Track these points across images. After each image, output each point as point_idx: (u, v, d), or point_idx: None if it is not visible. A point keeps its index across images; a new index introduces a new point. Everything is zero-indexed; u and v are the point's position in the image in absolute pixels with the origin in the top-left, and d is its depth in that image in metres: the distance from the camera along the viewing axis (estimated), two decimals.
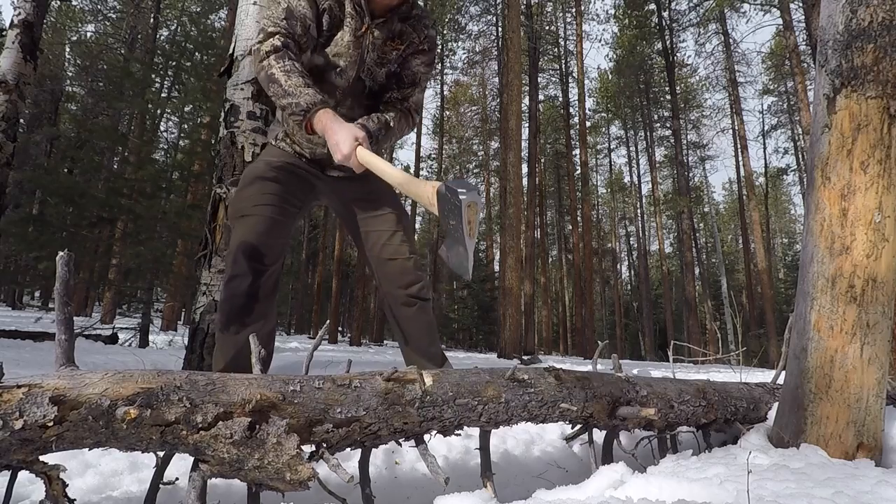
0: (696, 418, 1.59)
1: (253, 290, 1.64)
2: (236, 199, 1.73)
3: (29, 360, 3.16)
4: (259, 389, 1.05)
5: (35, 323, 7.10)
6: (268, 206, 1.67)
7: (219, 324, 1.66)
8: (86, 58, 17.85)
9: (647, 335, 24.24)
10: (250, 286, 1.63)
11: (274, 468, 0.92)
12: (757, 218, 18.86)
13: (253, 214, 1.66)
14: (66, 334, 1.06)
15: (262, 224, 1.65)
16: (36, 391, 0.86)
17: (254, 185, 1.70)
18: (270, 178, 1.70)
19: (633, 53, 22.68)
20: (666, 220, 29.10)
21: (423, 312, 1.81)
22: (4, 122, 4.09)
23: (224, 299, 1.66)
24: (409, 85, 1.76)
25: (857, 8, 1.40)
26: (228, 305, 1.64)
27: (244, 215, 1.67)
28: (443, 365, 1.78)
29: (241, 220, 1.67)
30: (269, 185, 1.69)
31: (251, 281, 1.63)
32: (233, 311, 1.63)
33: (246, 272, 1.63)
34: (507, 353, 9.02)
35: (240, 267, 1.63)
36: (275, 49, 1.50)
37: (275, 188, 1.69)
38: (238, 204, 1.71)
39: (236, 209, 1.71)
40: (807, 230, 1.49)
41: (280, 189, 1.70)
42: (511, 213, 9.99)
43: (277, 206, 1.69)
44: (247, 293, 1.63)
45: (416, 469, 1.57)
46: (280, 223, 1.69)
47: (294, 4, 1.56)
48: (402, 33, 1.70)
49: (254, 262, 1.63)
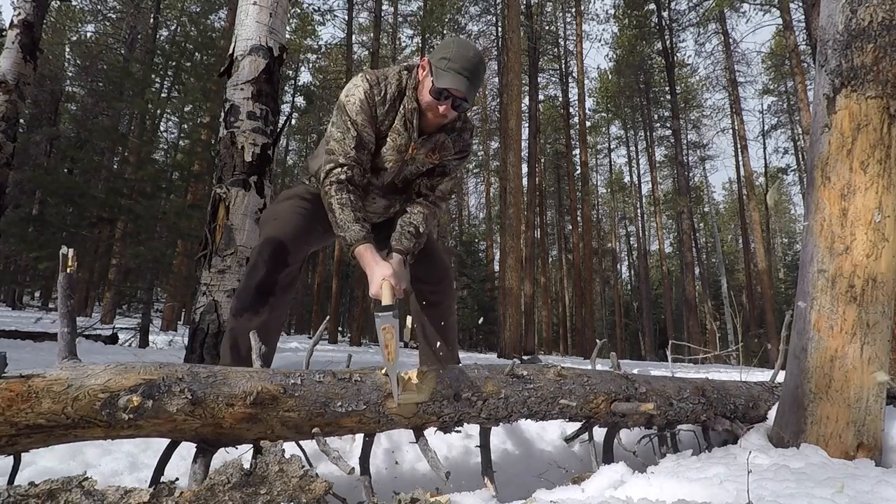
0: (695, 415, 1.59)
1: (271, 283, 1.74)
2: (270, 208, 1.89)
3: (29, 359, 3.15)
4: (260, 382, 1.05)
5: (35, 323, 7.09)
6: (297, 216, 1.81)
7: (232, 309, 1.77)
8: (86, 58, 17.84)
9: (647, 335, 24.22)
10: (270, 279, 1.73)
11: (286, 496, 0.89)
12: (757, 218, 18.84)
13: (283, 218, 1.80)
14: (69, 327, 1.07)
15: (291, 226, 1.78)
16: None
17: (290, 200, 1.86)
18: (305, 199, 1.86)
19: (633, 53, 22.66)
20: (666, 220, 29.09)
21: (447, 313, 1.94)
22: (4, 122, 4.09)
23: (243, 287, 1.77)
24: (438, 175, 1.84)
25: (857, 8, 1.40)
26: (246, 294, 1.74)
27: (276, 218, 1.82)
28: None
29: (272, 221, 1.82)
30: (303, 203, 1.85)
31: (271, 274, 1.73)
32: (249, 301, 1.73)
33: (268, 266, 1.73)
34: (507, 353, 9.01)
35: (263, 261, 1.73)
36: (339, 182, 1.63)
37: (308, 206, 1.84)
38: (271, 211, 1.88)
39: (269, 214, 1.86)
40: (807, 230, 1.49)
41: (311, 208, 1.83)
42: (511, 213, 9.99)
43: (306, 217, 1.82)
44: (265, 285, 1.73)
45: (417, 469, 1.57)
46: (306, 230, 1.82)
47: (362, 131, 1.67)
48: (442, 146, 1.78)
49: (277, 257, 1.74)
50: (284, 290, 1.79)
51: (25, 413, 0.89)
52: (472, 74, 1.59)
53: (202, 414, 1.00)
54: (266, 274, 1.72)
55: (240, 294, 1.77)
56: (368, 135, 1.68)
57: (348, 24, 17.64)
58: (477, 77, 1.61)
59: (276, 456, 0.92)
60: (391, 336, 1.20)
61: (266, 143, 2.89)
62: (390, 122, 1.71)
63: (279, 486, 0.89)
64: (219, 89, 6.44)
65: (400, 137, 1.72)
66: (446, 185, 1.85)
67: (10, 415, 0.88)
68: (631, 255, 33.50)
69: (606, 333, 28.44)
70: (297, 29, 21.15)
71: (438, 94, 1.60)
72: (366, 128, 1.67)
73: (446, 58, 1.58)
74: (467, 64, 1.57)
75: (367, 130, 1.68)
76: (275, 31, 2.98)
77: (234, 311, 1.76)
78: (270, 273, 1.73)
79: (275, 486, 0.89)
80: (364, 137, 1.67)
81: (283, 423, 1.06)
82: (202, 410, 0.99)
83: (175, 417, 0.97)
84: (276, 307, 1.78)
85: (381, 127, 1.71)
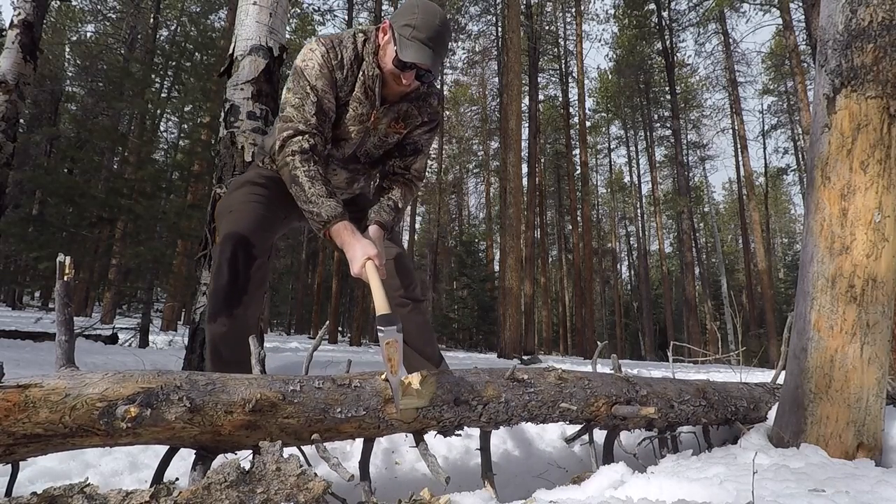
0: (696, 418, 1.59)
1: (241, 281, 1.62)
2: (224, 201, 1.75)
3: (29, 360, 3.16)
4: (259, 389, 1.05)
5: (35, 323, 7.10)
6: (254, 203, 1.69)
7: (208, 314, 1.65)
8: (86, 58, 17.83)
9: (647, 335, 24.22)
10: (238, 277, 1.62)
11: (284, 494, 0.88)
12: (757, 218, 18.85)
13: (239, 209, 1.68)
14: (67, 335, 1.07)
15: (249, 216, 1.66)
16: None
17: (243, 188, 1.75)
18: (259, 184, 1.74)
19: (633, 53, 22.66)
20: (666, 220, 29.08)
21: (417, 313, 1.81)
22: (4, 122, 4.09)
23: (212, 290, 1.65)
24: (410, 153, 1.76)
25: (857, 8, 1.40)
26: (216, 297, 1.63)
27: (231, 210, 1.69)
28: (439, 366, 1.79)
29: (228, 214, 1.69)
30: (257, 188, 1.73)
31: (239, 272, 1.62)
32: (220, 304, 1.62)
33: (232, 263, 1.62)
34: (507, 353, 9.02)
35: (227, 257, 1.61)
36: (302, 150, 1.50)
37: (262, 191, 1.72)
38: (225, 203, 1.74)
39: (224, 207, 1.73)
40: (807, 230, 1.49)
41: (268, 193, 1.72)
42: (511, 213, 9.99)
43: (263, 204, 1.70)
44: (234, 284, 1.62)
45: (416, 469, 1.57)
46: (267, 218, 1.70)
47: (322, 97, 1.55)
48: (407, 115, 1.69)
49: (240, 253, 1.62)
50: (257, 286, 1.67)
51: (23, 423, 0.88)
52: (438, 44, 1.49)
53: (201, 421, 0.99)
54: (232, 273, 1.61)
55: (210, 297, 1.65)
56: (329, 101, 1.57)
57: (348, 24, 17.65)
58: (443, 45, 1.50)
59: (273, 455, 0.92)
60: (395, 350, 1.15)
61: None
62: (349, 89, 1.60)
63: (276, 484, 0.89)
64: (219, 89, 6.44)
65: (361, 106, 1.62)
66: (420, 163, 1.77)
67: (8, 425, 0.87)
68: (631, 255, 33.51)
69: (606, 333, 28.45)
70: (297, 29, 21.15)
71: (402, 66, 1.50)
72: (326, 94, 1.56)
73: (410, 25, 1.46)
74: (432, 33, 1.46)
75: (327, 97, 1.56)
76: (275, 31, 2.98)
77: (209, 316, 1.65)
78: (237, 271, 1.62)
79: (272, 485, 0.88)
80: (324, 104, 1.56)
81: (282, 430, 1.06)
82: (201, 418, 0.99)
83: (174, 425, 0.97)
84: (250, 304, 1.66)
85: (340, 93, 1.60)
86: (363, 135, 1.67)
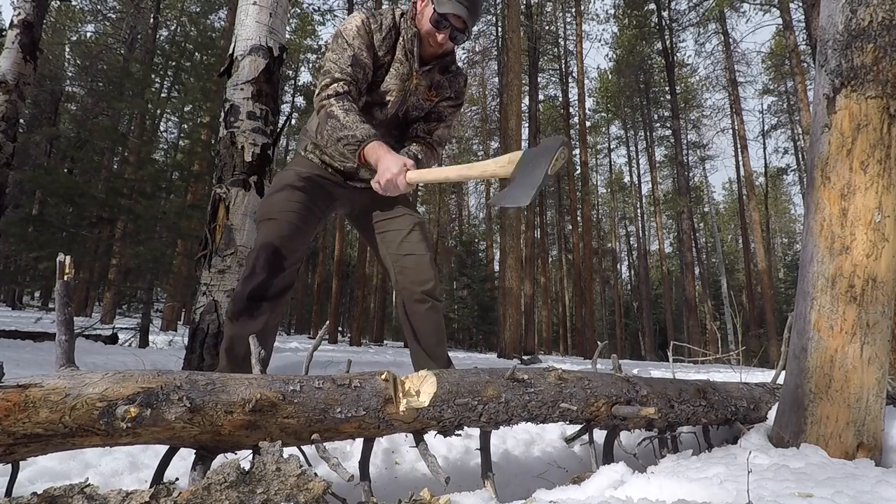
0: (696, 418, 1.59)
1: (268, 288, 1.73)
2: (265, 203, 1.84)
3: (29, 360, 3.16)
4: (259, 389, 1.05)
5: (35, 323, 7.10)
6: (293, 213, 1.78)
7: (229, 313, 1.75)
8: (86, 58, 17.84)
9: (647, 335, 24.23)
10: (266, 284, 1.73)
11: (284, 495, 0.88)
12: (757, 218, 18.85)
13: (278, 219, 1.76)
14: (67, 335, 1.07)
15: (287, 229, 1.75)
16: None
17: (283, 191, 1.82)
18: (298, 188, 1.82)
19: (633, 53, 22.67)
20: (666, 220, 29.09)
21: (434, 311, 1.86)
22: (4, 122, 4.09)
23: (240, 292, 1.75)
24: (434, 120, 1.89)
25: (857, 8, 1.40)
26: (242, 299, 1.73)
27: (271, 218, 1.77)
28: (447, 367, 1.80)
29: (267, 222, 1.77)
30: (296, 194, 1.81)
31: (268, 279, 1.73)
32: (245, 305, 1.72)
33: (265, 270, 1.72)
34: (507, 353, 9.02)
35: (260, 266, 1.72)
36: (337, 94, 1.65)
37: (301, 197, 1.81)
38: (266, 207, 1.82)
39: (264, 212, 1.81)
40: (807, 230, 1.49)
41: (306, 198, 1.81)
42: (511, 214, 9.99)
43: (301, 214, 1.79)
44: (262, 290, 1.73)
45: (416, 469, 1.57)
46: (302, 230, 1.79)
47: (359, 53, 1.70)
48: (439, 85, 1.85)
49: (274, 262, 1.73)
50: (281, 293, 1.78)
51: (23, 423, 0.88)
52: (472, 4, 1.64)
53: (201, 421, 0.99)
54: (263, 280, 1.72)
55: (236, 298, 1.75)
56: (366, 58, 1.71)
57: None
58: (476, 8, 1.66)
59: (273, 455, 0.91)
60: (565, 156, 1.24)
61: (266, 143, 2.89)
62: (388, 50, 1.75)
63: (276, 485, 0.88)
64: (219, 89, 6.44)
65: (402, 66, 1.76)
66: (442, 132, 1.90)
67: (7, 425, 0.87)
68: (631, 255, 33.51)
69: (606, 333, 28.45)
70: (297, 29, 21.14)
71: (437, 23, 1.65)
72: (363, 51, 1.70)
73: None
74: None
75: (363, 53, 1.70)
76: (275, 31, 2.98)
77: (231, 315, 1.75)
78: (267, 278, 1.72)
79: (272, 486, 0.88)
80: (360, 58, 1.69)
81: (282, 430, 1.06)
82: (201, 418, 0.99)
83: (174, 425, 0.97)
84: (273, 310, 1.77)
85: (380, 53, 1.74)
86: (403, 94, 1.79)
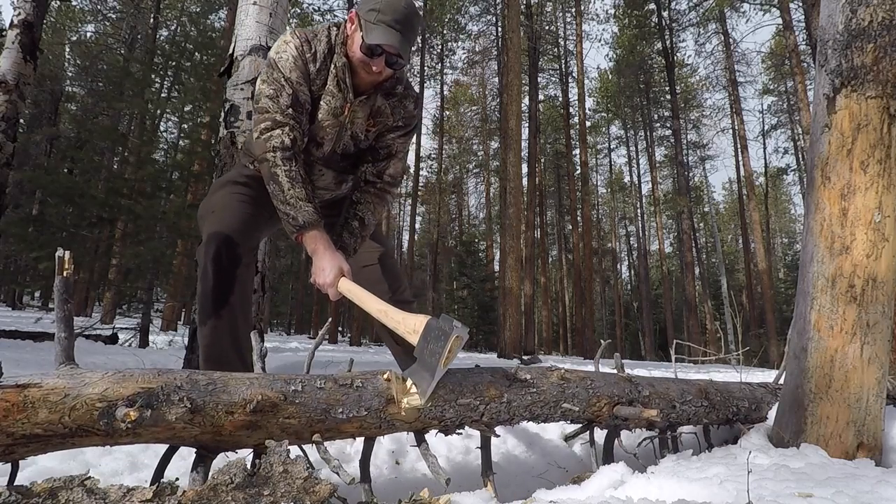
0: (697, 418, 1.59)
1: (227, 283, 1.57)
2: (206, 202, 1.70)
3: (29, 360, 3.16)
4: (260, 389, 1.05)
5: (35, 323, 7.09)
6: (238, 203, 1.64)
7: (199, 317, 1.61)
8: (86, 58, 17.82)
9: (647, 335, 24.22)
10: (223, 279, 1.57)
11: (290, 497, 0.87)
12: (757, 218, 18.84)
13: (223, 210, 1.62)
14: (66, 332, 1.06)
15: (233, 216, 1.61)
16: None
17: (225, 187, 1.70)
18: (242, 183, 1.69)
19: (633, 53, 22.65)
20: (666, 220, 29.08)
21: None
22: (4, 122, 4.09)
23: (199, 294, 1.59)
24: (384, 158, 1.72)
25: (857, 8, 1.40)
26: (204, 300, 1.58)
27: (213, 211, 1.63)
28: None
29: (210, 215, 1.63)
30: (239, 188, 1.68)
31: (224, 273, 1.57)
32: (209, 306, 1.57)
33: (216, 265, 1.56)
34: (507, 353, 9.02)
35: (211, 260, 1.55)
36: (283, 147, 1.49)
37: (246, 190, 1.68)
38: (207, 204, 1.68)
39: (206, 208, 1.67)
40: (807, 230, 1.49)
41: (251, 192, 1.67)
42: (511, 213, 9.98)
43: (248, 204, 1.66)
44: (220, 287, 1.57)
45: (417, 469, 1.57)
46: (252, 217, 1.65)
47: (298, 89, 1.54)
48: (379, 112, 1.66)
49: (225, 255, 1.57)
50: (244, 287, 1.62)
51: (22, 423, 0.87)
52: (405, 27, 1.46)
53: (201, 422, 0.98)
54: (217, 274, 1.56)
55: (199, 300, 1.60)
56: (304, 94, 1.55)
57: None
58: (411, 30, 1.47)
59: (280, 457, 0.90)
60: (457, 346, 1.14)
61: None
62: (322, 82, 1.58)
63: (283, 487, 0.87)
64: (219, 89, 6.44)
65: (334, 99, 1.59)
66: (394, 169, 1.72)
67: (7, 425, 0.86)
68: (631, 255, 33.49)
69: (606, 333, 28.43)
70: (296, 29, 21.10)
71: (370, 52, 1.48)
72: (301, 86, 1.54)
73: (375, 9, 1.44)
74: (398, 16, 1.44)
75: (302, 89, 1.54)
76: (275, 31, 2.98)
77: (199, 321, 1.59)
78: (223, 272, 1.56)
79: (278, 488, 0.87)
80: (300, 96, 1.54)
81: (283, 430, 1.06)
82: (201, 418, 0.98)
83: (174, 426, 0.96)
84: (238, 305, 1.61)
85: (314, 87, 1.58)
86: (338, 129, 1.63)
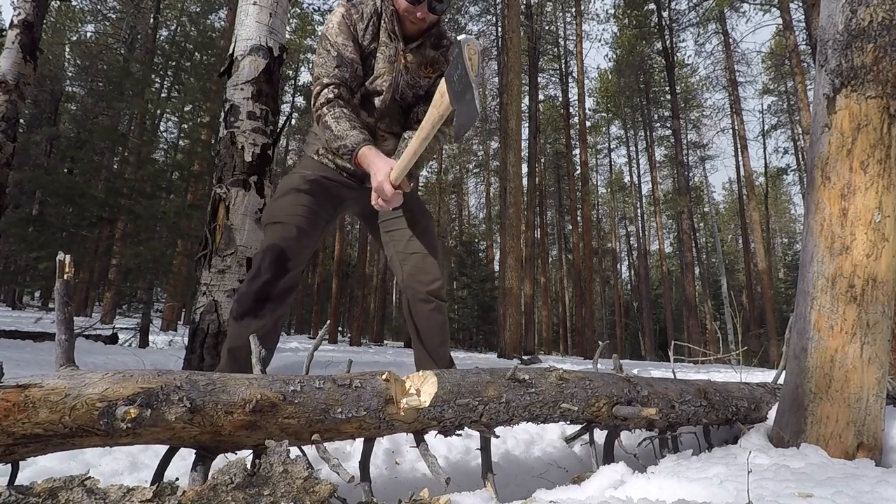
0: (697, 418, 1.59)
1: (272, 289, 1.75)
2: (270, 207, 1.85)
3: (29, 360, 3.16)
4: (259, 389, 1.05)
5: (35, 323, 7.10)
6: (298, 216, 1.78)
7: (233, 312, 1.76)
8: (86, 58, 17.83)
9: (647, 335, 24.23)
10: (271, 285, 1.74)
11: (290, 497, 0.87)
12: (757, 218, 18.84)
13: (284, 222, 1.77)
14: (66, 334, 1.06)
15: (291, 232, 1.76)
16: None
17: (288, 195, 1.82)
18: (304, 191, 1.83)
19: (633, 53, 22.66)
20: (666, 220, 29.09)
21: (439, 312, 1.87)
22: (4, 122, 4.09)
23: (244, 292, 1.76)
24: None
25: (857, 8, 1.40)
26: (247, 299, 1.74)
27: (276, 222, 1.78)
28: (449, 368, 1.80)
29: (272, 226, 1.79)
30: (302, 197, 1.81)
31: (272, 281, 1.74)
32: (250, 305, 1.73)
33: (270, 273, 1.73)
34: (507, 353, 9.02)
35: (265, 267, 1.73)
36: (328, 101, 1.71)
37: (307, 200, 1.81)
38: (271, 211, 1.83)
39: (269, 216, 1.82)
40: (807, 230, 1.49)
41: (312, 201, 1.82)
42: (511, 213, 9.99)
43: (307, 217, 1.80)
44: (266, 291, 1.74)
45: (417, 469, 1.57)
46: (307, 233, 1.80)
47: (343, 50, 1.73)
48: (434, 61, 1.83)
49: (278, 265, 1.74)
50: (285, 295, 1.78)
51: (22, 423, 0.88)
52: None
53: (201, 422, 0.99)
54: (267, 280, 1.73)
55: (240, 299, 1.76)
56: (350, 53, 1.73)
57: None
58: None
59: (280, 457, 0.90)
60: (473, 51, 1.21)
61: (266, 143, 2.89)
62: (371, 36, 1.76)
63: (283, 487, 0.87)
64: (219, 89, 6.44)
65: (388, 48, 1.78)
66: None
67: (7, 425, 0.87)
68: (631, 255, 33.50)
69: (606, 333, 28.44)
70: (297, 29, 21.13)
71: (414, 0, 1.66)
72: (346, 46, 1.73)
73: None
74: None
75: (347, 49, 1.73)
76: (275, 31, 2.98)
77: (235, 315, 1.75)
78: (272, 280, 1.73)
79: (278, 488, 0.87)
80: (345, 55, 1.73)
81: (282, 430, 1.06)
82: (201, 418, 0.99)
83: (174, 426, 0.97)
84: (276, 311, 1.77)
85: (365, 42, 1.76)
86: (395, 75, 1.79)
